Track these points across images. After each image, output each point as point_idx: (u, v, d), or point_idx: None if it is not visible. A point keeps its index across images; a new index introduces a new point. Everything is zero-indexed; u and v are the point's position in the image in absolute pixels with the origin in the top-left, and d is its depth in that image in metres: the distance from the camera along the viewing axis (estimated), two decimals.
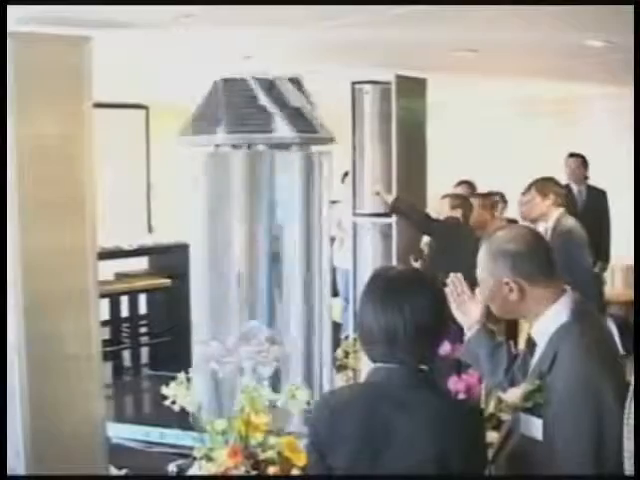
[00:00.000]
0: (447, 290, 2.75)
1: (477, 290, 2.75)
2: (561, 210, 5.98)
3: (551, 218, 5.90)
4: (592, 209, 7.79)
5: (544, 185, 6.05)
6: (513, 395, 2.51)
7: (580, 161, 8.20)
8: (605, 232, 7.88)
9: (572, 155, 8.24)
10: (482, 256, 2.57)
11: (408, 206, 6.63)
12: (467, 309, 2.79)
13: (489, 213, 6.74)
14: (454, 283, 2.81)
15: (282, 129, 3.48)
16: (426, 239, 6.93)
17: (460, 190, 7.19)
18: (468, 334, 2.80)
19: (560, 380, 2.39)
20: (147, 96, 9.22)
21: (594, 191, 8.15)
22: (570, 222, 5.95)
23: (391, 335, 2.24)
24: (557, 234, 5.76)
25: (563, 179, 7.44)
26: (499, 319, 2.83)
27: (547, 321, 2.49)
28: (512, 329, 4.82)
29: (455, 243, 6.11)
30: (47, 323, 3.91)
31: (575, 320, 2.46)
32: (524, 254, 2.51)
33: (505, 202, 7.40)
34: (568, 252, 5.68)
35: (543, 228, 5.91)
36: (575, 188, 8.03)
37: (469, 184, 7.51)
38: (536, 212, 6.03)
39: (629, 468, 1.89)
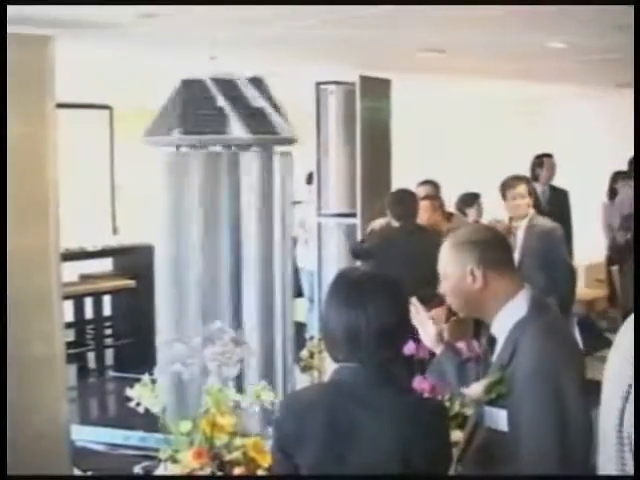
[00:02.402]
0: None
1: (433, 311, 2.81)
2: (533, 210, 6.02)
3: (525, 218, 5.91)
4: (555, 209, 7.85)
5: (530, 185, 6.12)
6: (475, 389, 2.53)
7: (553, 162, 8.28)
8: (567, 231, 7.96)
9: (547, 155, 8.29)
10: (445, 251, 2.60)
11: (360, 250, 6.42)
12: (425, 329, 2.84)
13: (440, 214, 6.71)
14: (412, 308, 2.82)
15: (237, 130, 3.47)
16: None
17: (423, 190, 7.11)
18: (436, 352, 2.84)
19: (520, 369, 2.42)
20: (111, 96, 9.17)
21: (556, 191, 8.22)
22: (546, 221, 6.00)
23: (353, 335, 2.25)
24: (535, 233, 5.77)
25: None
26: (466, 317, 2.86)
27: (506, 316, 2.52)
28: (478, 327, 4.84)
29: (385, 254, 5.94)
30: (10, 325, 3.87)
31: (533, 314, 2.50)
32: (490, 243, 2.59)
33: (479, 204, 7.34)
34: (551, 249, 5.78)
35: (514, 228, 5.93)
36: (539, 188, 8.10)
37: (433, 184, 7.49)
38: (517, 212, 5.99)
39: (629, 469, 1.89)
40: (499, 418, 2.46)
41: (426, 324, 2.83)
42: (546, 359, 2.40)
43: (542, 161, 8.25)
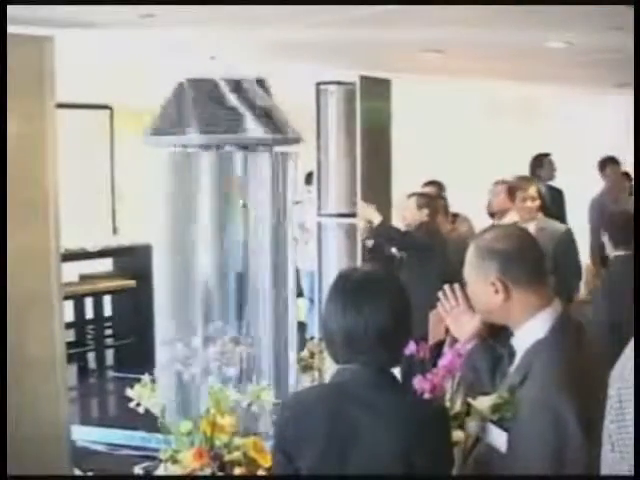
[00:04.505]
0: (439, 304, 2.69)
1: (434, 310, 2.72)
2: (541, 214, 5.96)
3: (532, 222, 5.80)
4: (553, 208, 7.83)
5: (538, 188, 6.06)
6: (482, 403, 2.49)
7: (552, 161, 8.25)
8: None
9: (545, 155, 8.26)
10: (470, 255, 2.47)
11: (388, 229, 6.37)
12: (462, 322, 2.68)
13: (443, 214, 6.69)
14: (447, 295, 2.68)
15: (254, 130, 3.47)
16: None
17: (428, 190, 7.13)
18: (467, 346, 2.68)
19: (528, 399, 2.32)
20: (111, 96, 9.16)
21: (553, 190, 8.21)
22: (555, 224, 5.95)
23: (351, 336, 2.24)
24: (546, 236, 5.67)
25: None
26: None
27: (526, 333, 2.41)
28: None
29: (430, 252, 6.01)
30: (10, 325, 3.87)
31: (552, 337, 2.37)
32: (514, 255, 2.41)
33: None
34: (565, 253, 5.75)
35: None
36: (542, 189, 8.09)
37: (438, 184, 7.42)
38: (527, 214, 5.93)
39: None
40: (500, 438, 2.39)
41: (465, 315, 2.65)
42: (551, 393, 2.27)
43: (541, 161, 8.21)
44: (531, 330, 2.40)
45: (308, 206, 7.59)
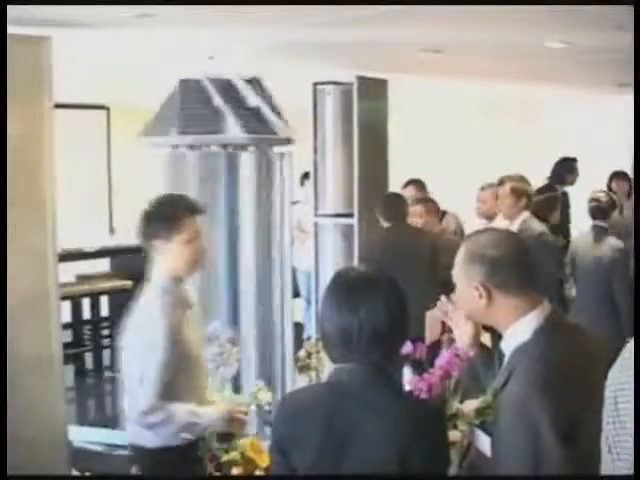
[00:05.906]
0: (438, 310, 2.69)
1: (429, 312, 2.72)
2: (527, 213, 5.88)
3: (516, 221, 5.76)
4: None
5: (520, 186, 5.93)
6: (468, 407, 2.49)
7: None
8: (568, 232, 7.94)
9: (574, 160, 8.25)
10: (459, 257, 2.46)
11: None
12: (461, 330, 2.65)
13: (435, 217, 6.49)
14: (442, 307, 2.68)
15: (233, 130, 3.47)
16: None
17: (408, 192, 6.76)
18: (469, 353, 2.66)
19: (506, 402, 2.31)
20: (109, 97, 9.16)
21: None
22: (537, 225, 5.82)
23: (347, 336, 2.24)
24: (526, 238, 5.62)
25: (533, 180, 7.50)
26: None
27: (512, 336, 2.39)
28: None
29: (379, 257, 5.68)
30: (8, 325, 3.87)
31: (536, 340, 2.35)
32: (502, 261, 2.39)
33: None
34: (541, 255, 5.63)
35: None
36: (528, 188, 8.04)
37: (418, 183, 7.07)
38: (507, 213, 5.86)
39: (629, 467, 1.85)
40: (484, 443, 2.41)
41: (461, 324, 2.63)
42: (527, 396, 2.25)
43: (571, 166, 8.19)
44: (517, 333, 2.38)
45: (306, 206, 7.61)
